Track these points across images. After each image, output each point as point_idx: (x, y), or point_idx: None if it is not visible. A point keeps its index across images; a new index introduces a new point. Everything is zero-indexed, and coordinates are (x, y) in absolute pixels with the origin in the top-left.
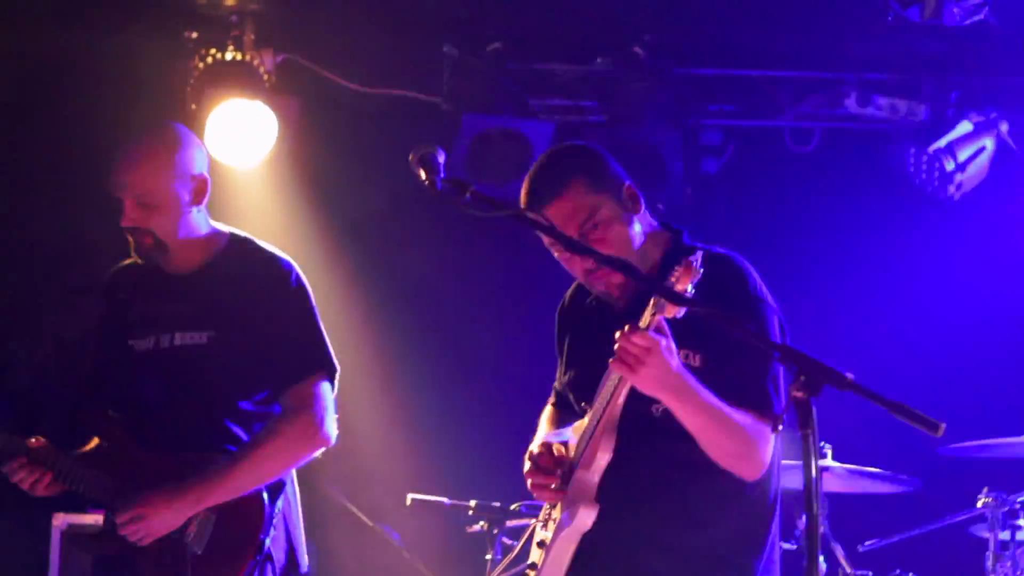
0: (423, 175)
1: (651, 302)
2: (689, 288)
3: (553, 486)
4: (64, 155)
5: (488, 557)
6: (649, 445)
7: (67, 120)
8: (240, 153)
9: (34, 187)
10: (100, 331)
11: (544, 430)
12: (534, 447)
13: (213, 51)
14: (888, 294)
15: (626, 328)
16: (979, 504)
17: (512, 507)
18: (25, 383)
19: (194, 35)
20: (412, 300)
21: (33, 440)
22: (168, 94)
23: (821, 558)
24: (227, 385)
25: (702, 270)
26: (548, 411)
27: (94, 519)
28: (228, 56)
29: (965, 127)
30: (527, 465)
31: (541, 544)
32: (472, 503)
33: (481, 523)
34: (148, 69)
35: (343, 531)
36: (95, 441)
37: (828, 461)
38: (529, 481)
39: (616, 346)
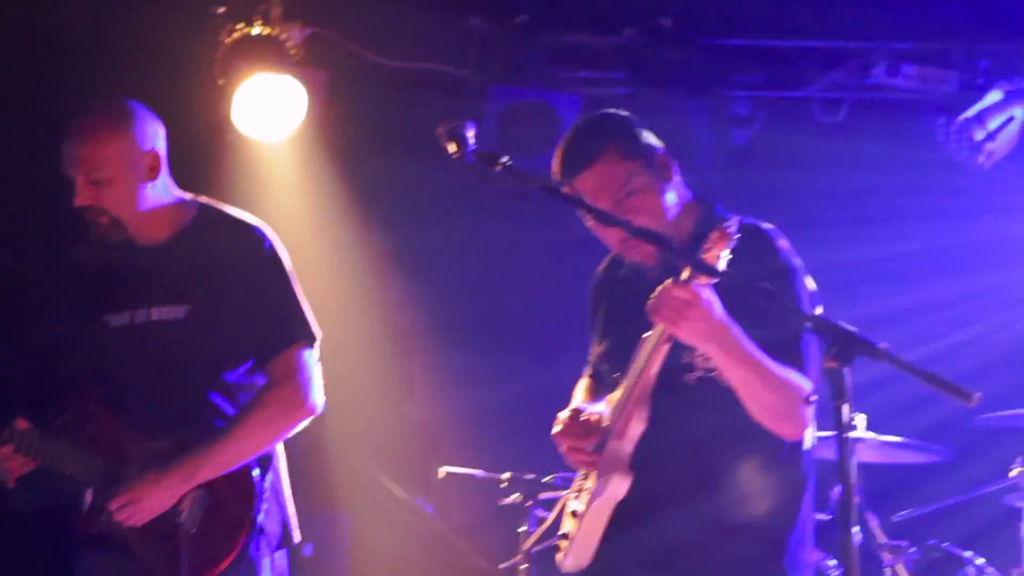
0: (452, 148)
1: (684, 271)
2: (724, 255)
3: (587, 447)
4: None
5: (521, 529)
6: (683, 415)
7: (95, 95)
8: (268, 127)
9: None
10: (71, 305)
11: (578, 401)
12: (564, 412)
13: (241, 25)
14: (918, 263)
15: (667, 282)
16: (1012, 474)
17: (546, 479)
18: None
19: (221, 9)
20: (441, 273)
21: (19, 423)
22: (195, 68)
23: (855, 528)
24: (208, 359)
25: (736, 237)
26: (582, 384)
27: None
28: (255, 30)
29: (995, 96)
30: (556, 427)
31: (574, 514)
32: (505, 475)
33: (514, 495)
34: (176, 43)
35: (376, 504)
36: (69, 418)
37: (861, 432)
38: (562, 445)
39: (656, 299)
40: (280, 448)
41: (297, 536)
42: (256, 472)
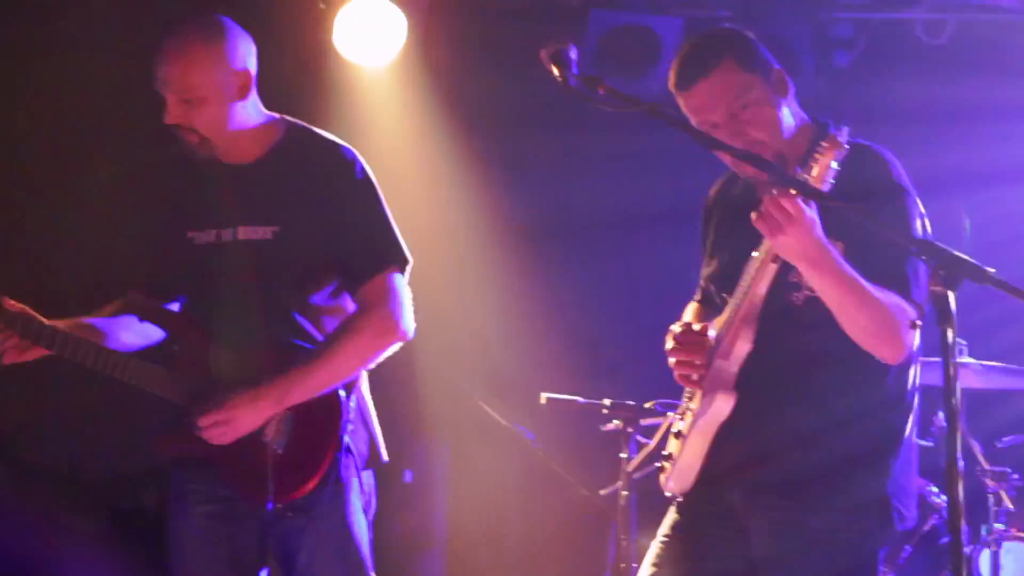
0: (555, 72)
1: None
2: (833, 164)
3: (697, 362)
4: None
5: (623, 455)
6: (789, 335)
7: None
8: (369, 52)
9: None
10: (151, 218)
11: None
12: (675, 326)
13: None
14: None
15: (774, 191)
16: None
17: (647, 405)
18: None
19: None
20: (545, 200)
21: (8, 304)
22: None
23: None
24: (295, 280)
25: (847, 146)
26: (691, 307)
27: None
28: None
29: None
30: (668, 343)
31: (678, 435)
32: (606, 401)
33: (615, 421)
34: None
35: (477, 431)
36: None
37: (964, 357)
38: (672, 360)
39: (762, 208)
40: (364, 372)
41: (385, 456)
42: (342, 392)
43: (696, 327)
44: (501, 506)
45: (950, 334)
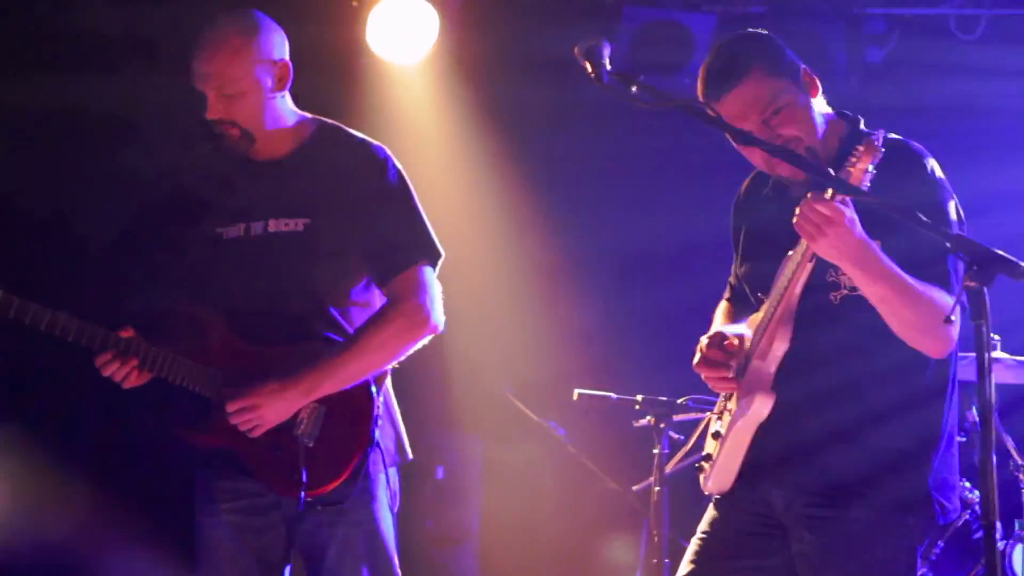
0: (589, 68)
1: (827, 192)
2: (870, 168)
3: (728, 375)
4: None
5: (655, 451)
6: (827, 334)
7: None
8: (401, 49)
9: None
10: (174, 212)
11: (718, 324)
12: (705, 337)
13: None
14: None
15: (809, 196)
16: None
17: (679, 401)
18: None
19: None
20: (577, 196)
21: (123, 332)
22: None
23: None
24: (325, 273)
25: (883, 150)
26: (722, 306)
27: None
28: None
29: None
30: (696, 356)
31: (716, 435)
32: (639, 397)
33: (648, 417)
34: None
35: (509, 427)
36: (184, 328)
37: (997, 352)
38: (702, 374)
39: (799, 213)
40: (389, 368)
41: (410, 454)
42: (373, 387)
43: (729, 340)
44: (533, 502)
45: (984, 329)
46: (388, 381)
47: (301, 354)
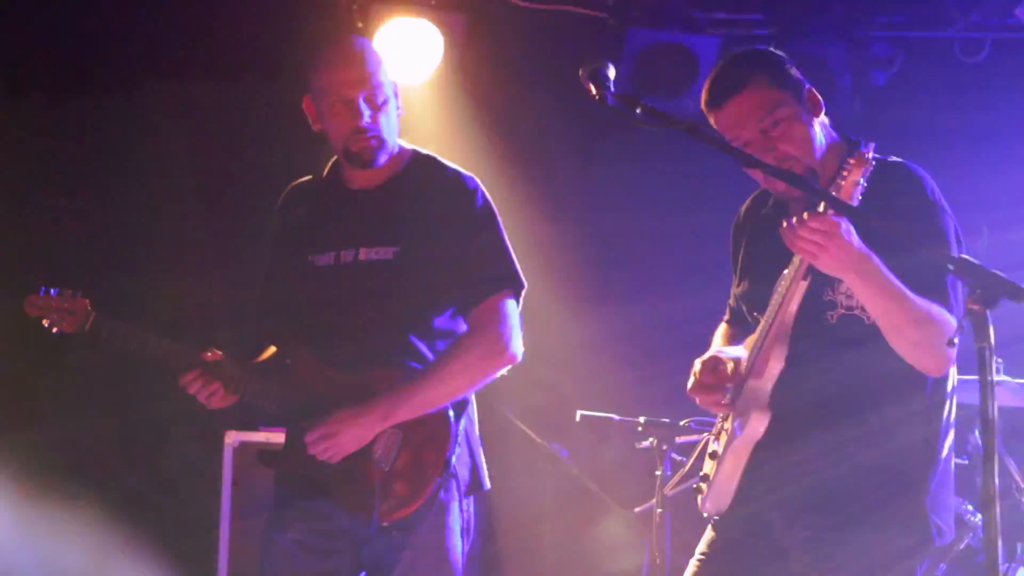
0: (593, 90)
1: (821, 206)
2: (861, 181)
3: (720, 400)
4: (230, 74)
5: (657, 473)
6: (823, 353)
7: (236, 39)
8: (406, 71)
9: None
10: (275, 246)
11: (716, 347)
12: (698, 361)
13: None
14: None
15: (804, 214)
16: None
17: (682, 423)
18: (196, 295)
19: None
20: (581, 217)
21: (208, 354)
22: (335, 12)
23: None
24: (413, 301)
25: (874, 161)
26: (721, 328)
27: (265, 436)
28: None
29: None
30: (691, 381)
31: (713, 455)
32: (641, 419)
33: (650, 439)
34: None
35: (512, 448)
36: (270, 353)
37: (1000, 376)
38: (695, 398)
39: (792, 231)
40: (473, 394)
41: (487, 482)
42: (451, 414)
43: (721, 362)
44: (536, 522)
45: (987, 352)
46: (472, 409)
47: (382, 380)
